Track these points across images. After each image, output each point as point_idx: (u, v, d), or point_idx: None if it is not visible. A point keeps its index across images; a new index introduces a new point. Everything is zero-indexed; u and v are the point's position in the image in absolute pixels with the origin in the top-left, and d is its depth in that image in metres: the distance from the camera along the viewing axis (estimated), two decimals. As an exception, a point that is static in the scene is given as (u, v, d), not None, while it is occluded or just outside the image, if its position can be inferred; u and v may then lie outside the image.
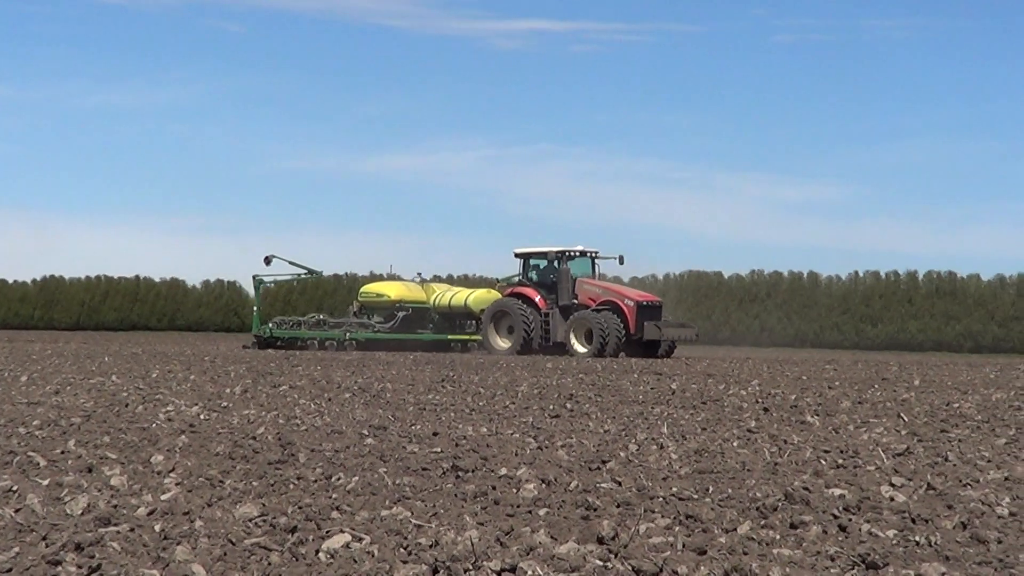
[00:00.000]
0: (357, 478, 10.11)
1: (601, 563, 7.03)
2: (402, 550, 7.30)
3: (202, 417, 15.43)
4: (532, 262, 45.53)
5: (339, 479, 10.11)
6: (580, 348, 42.45)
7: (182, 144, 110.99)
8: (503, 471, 10.60)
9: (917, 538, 7.79)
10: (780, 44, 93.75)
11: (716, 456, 11.95)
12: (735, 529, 8.10)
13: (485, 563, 6.92)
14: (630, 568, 6.93)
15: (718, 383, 24.30)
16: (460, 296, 47.79)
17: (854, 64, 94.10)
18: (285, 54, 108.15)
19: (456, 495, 9.45)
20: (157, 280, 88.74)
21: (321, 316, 51.20)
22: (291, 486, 9.81)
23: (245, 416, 15.66)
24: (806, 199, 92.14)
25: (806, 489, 9.56)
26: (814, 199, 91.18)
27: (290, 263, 51.61)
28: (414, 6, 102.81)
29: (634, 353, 42.21)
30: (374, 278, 59.55)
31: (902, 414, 16.81)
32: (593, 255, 45.53)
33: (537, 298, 43.97)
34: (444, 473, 10.60)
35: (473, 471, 10.68)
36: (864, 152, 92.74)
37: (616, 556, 7.22)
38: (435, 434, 13.72)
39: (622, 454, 11.99)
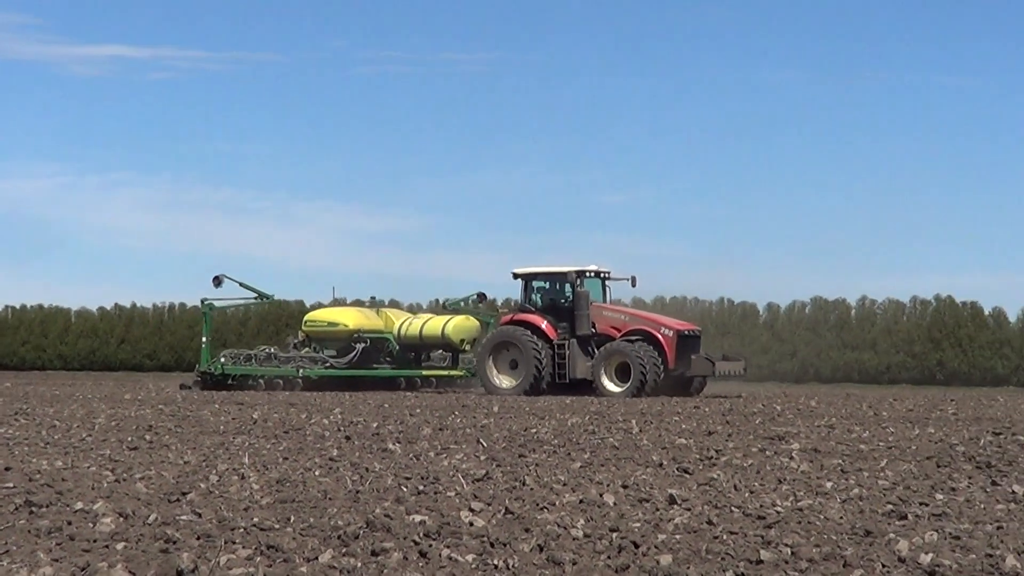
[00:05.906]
0: (-79, 516, 9.66)
1: (180, 597, 6.93)
2: (-30, 590, 7.02)
3: None
4: (536, 284, 37.25)
5: (-98, 518, 9.65)
6: (612, 387, 34.46)
7: None
8: (79, 505, 10.33)
9: (495, 561, 7.96)
10: (360, 75, 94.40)
11: (298, 485, 11.94)
12: (317, 558, 8.11)
13: (59, 601, 6.73)
14: (210, 601, 6.85)
15: (300, 412, 24.27)
16: (434, 324, 40.61)
17: (432, 96, 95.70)
18: None
19: (29, 531, 9.15)
20: None
21: (271, 349, 42.24)
22: None
23: None
24: (382, 229, 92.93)
25: (387, 516, 9.66)
26: (390, 229, 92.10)
27: (240, 284, 42.46)
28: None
29: (665, 390, 34.84)
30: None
31: (481, 440, 17.15)
32: (605, 276, 37.33)
33: (544, 324, 35.85)
34: (16, 509, 10.25)
35: (47, 506, 10.36)
36: (439, 183, 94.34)
37: (196, 589, 7.12)
38: (7, 469, 13.25)
39: (202, 485, 11.85)
